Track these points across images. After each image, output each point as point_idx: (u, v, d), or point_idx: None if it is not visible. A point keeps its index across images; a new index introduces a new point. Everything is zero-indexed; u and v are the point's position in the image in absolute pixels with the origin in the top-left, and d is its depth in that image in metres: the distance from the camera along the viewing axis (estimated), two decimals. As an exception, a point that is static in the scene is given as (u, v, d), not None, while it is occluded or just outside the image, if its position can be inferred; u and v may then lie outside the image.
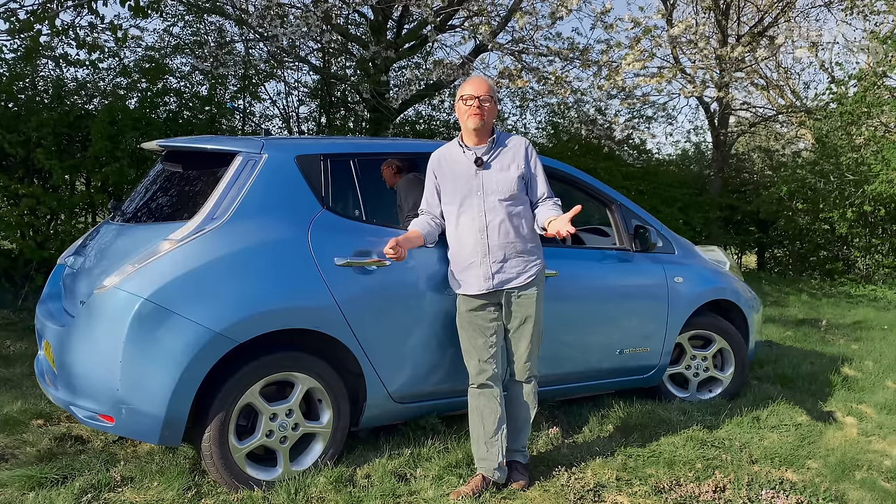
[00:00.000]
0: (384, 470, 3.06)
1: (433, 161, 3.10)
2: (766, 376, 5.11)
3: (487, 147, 3.00)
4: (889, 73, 10.91)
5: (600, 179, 4.41)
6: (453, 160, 3.04)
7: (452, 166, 3.02)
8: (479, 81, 2.98)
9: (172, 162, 3.32)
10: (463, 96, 2.95)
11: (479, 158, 2.97)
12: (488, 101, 2.92)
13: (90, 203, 6.74)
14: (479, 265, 2.93)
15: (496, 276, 2.94)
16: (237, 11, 7.89)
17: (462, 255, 2.98)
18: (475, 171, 2.97)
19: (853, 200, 10.83)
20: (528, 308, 2.99)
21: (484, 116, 2.93)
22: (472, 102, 2.92)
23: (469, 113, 2.93)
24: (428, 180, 3.10)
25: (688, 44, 10.03)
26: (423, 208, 3.13)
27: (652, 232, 4.04)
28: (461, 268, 2.98)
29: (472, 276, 2.95)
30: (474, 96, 2.92)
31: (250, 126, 9.64)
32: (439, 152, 3.11)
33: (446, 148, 3.11)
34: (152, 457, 3.16)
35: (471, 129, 2.95)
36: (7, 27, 5.68)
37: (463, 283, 2.98)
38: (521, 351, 3.01)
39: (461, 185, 2.98)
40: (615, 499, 2.95)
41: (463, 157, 3.01)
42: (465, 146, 3.01)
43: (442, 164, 3.06)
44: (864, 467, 3.40)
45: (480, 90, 2.92)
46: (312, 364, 2.98)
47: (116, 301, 2.70)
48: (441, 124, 11.28)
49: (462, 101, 2.95)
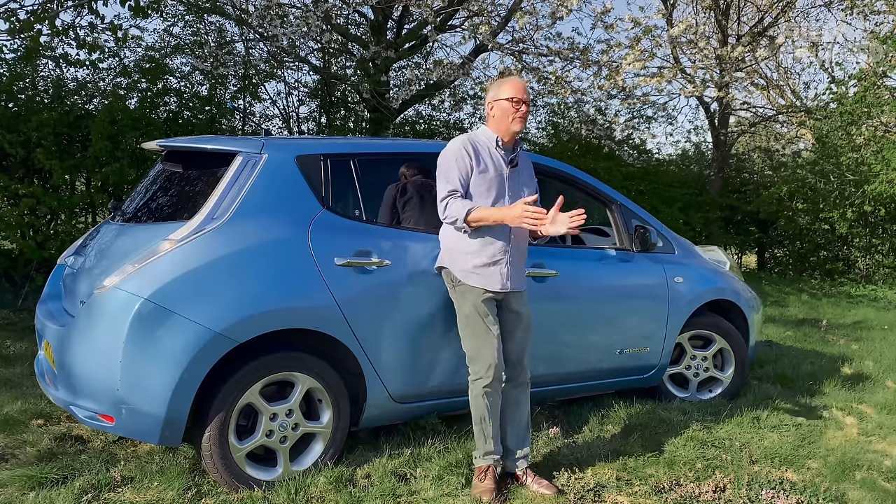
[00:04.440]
0: (384, 470, 3.06)
1: (467, 146, 2.92)
2: (766, 376, 5.11)
3: (513, 150, 3.03)
4: (889, 73, 10.91)
5: (600, 179, 4.41)
6: (487, 153, 2.96)
7: (487, 160, 2.94)
8: (523, 85, 2.99)
9: (172, 162, 3.31)
10: (514, 98, 2.92)
11: (514, 160, 3.00)
12: (529, 105, 2.97)
13: (90, 203, 6.74)
14: (505, 264, 2.93)
15: (513, 277, 2.96)
16: (237, 11, 7.89)
17: (489, 251, 2.91)
18: (507, 173, 2.97)
19: (853, 200, 10.83)
20: (527, 308, 3.03)
21: (525, 121, 2.97)
22: (521, 107, 2.93)
23: (516, 116, 2.93)
24: (462, 163, 2.89)
25: (688, 44, 10.04)
26: (458, 190, 2.89)
27: (652, 232, 4.04)
28: (486, 263, 2.91)
29: (496, 272, 2.92)
30: (524, 101, 2.93)
31: (250, 126, 9.64)
32: (470, 140, 2.95)
33: (475, 137, 2.99)
34: (152, 457, 3.16)
35: (514, 131, 2.95)
36: (7, 27, 5.68)
37: (485, 279, 2.92)
38: (524, 351, 3.02)
39: (495, 182, 2.93)
40: (615, 499, 2.95)
41: (496, 153, 2.97)
42: (499, 143, 2.97)
43: (479, 155, 2.94)
44: (864, 467, 3.40)
45: (526, 94, 2.96)
46: (312, 364, 2.98)
47: (116, 301, 2.70)
48: (441, 124, 11.28)
49: (511, 102, 2.92)
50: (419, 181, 3.80)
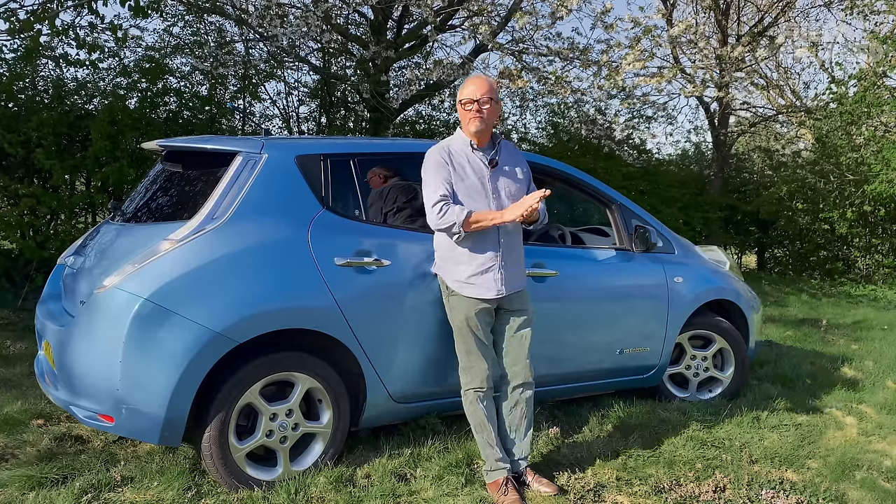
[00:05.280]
0: (384, 470, 3.06)
1: (443, 155, 2.88)
2: (766, 376, 5.11)
3: (491, 147, 2.96)
4: (889, 73, 10.91)
5: (600, 179, 4.40)
6: (463, 157, 2.91)
7: (463, 164, 2.89)
8: (479, 82, 2.88)
9: (172, 162, 3.32)
10: (462, 101, 2.87)
11: (493, 160, 2.93)
12: (488, 102, 2.85)
13: (90, 203, 6.75)
14: (498, 270, 2.89)
15: (508, 281, 2.92)
16: (237, 11, 7.89)
17: (479, 260, 2.88)
18: (489, 174, 2.91)
19: (853, 200, 10.84)
20: (528, 308, 3.02)
21: (485, 119, 2.86)
22: (471, 107, 2.85)
23: (470, 116, 2.86)
24: (442, 171, 2.85)
25: (688, 44, 10.04)
26: (446, 195, 2.83)
27: (652, 232, 4.04)
28: (477, 271, 2.88)
29: (489, 280, 2.88)
30: (473, 100, 2.85)
31: (250, 126, 9.64)
32: (444, 147, 2.93)
33: (448, 143, 2.96)
34: (152, 457, 3.16)
35: (472, 132, 2.89)
36: (7, 27, 5.68)
37: (479, 288, 2.88)
38: (525, 353, 3.00)
39: (476, 186, 2.88)
40: (615, 499, 2.95)
41: (473, 156, 2.91)
42: (472, 145, 2.92)
43: (453, 160, 2.88)
44: (864, 467, 3.40)
45: (480, 92, 2.85)
46: (312, 364, 2.98)
47: (116, 301, 2.70)
48: (441, 124, 11.28)
49: (461, 105, 2.88)
50: (400, 185, 3.62)
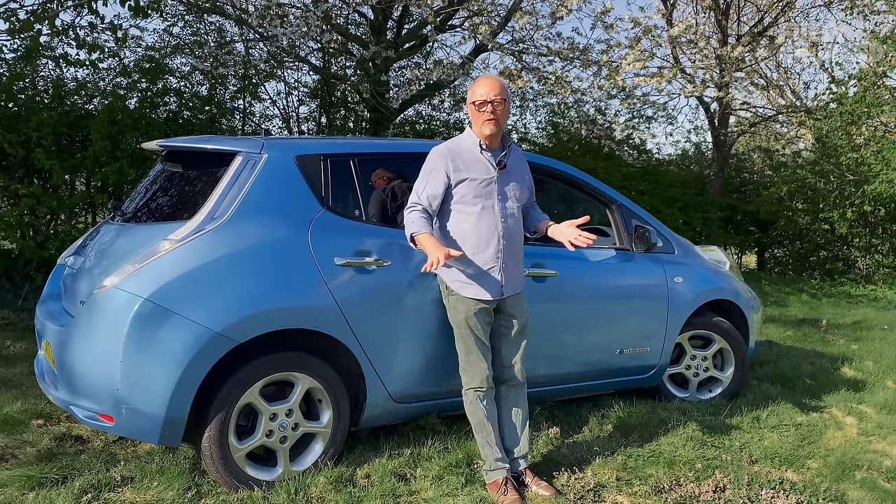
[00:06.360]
0: (384, 470, 3.06)
1: (445, 154, 2.85)
2: (766, 376, 5.11)
3: (501, 149, 2.93)
4: (889, 73, 10.92)
5: (600, 179, 4.41)
6: (469, 158, 2.86)
7: (469, 164, 2.84)
8: (491, 82, 2.82)
9: (172, 162, 3.32)
10: (475, 102, 2.82)
11: (502, 161, 2.90)
12: (501, 103, 2.81)
13: (90, 203, 6.75)
14: (498, 271, 2.88)
15: (508, 282, 2.92)
16: (237, 11, 7.89)
17: (480, 260, 2.86)
18: (496, 175, 2.88)
19: (853, 200, 10.84)
20: (524, 310, 3.02)
21: (499, 119, 2.83)
22: (485, 108, 2.80)
23: (483, 119, 2.82)
24: (438, 174, 2.83)
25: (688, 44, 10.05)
26: (420, 203, 2.83)
27: (652, 232, 4.04)
28: (478, 272, 2.87)
29: (489, 281, 2.88)
30: (487, 101, 2.80)
31: (250, 126, 9.65)
32: (449, 147, 2.89)
33: (456, 143, 2.92)
34: (152, 457, 3.16)
35: (486, 134, 2.84)
36: (7, 27, 5.68)
37: (479, 288, 2.87)
38: (521, 352, 3.01)
39: (481, 187, 2.85)
40: (615, 499, 2.95)
41: (481, 157, 2.88)
42: (481, 146, 2.88)
43: (457, 161, 2.84)
44: (864, 467, 3.40)
45: (493, 92, 2.79)
46: (312, 364, 2.98)
47: (116, 301, 2.70)
48: (441, 124, 11.29)
49: (475, 105, 2.83)
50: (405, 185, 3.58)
